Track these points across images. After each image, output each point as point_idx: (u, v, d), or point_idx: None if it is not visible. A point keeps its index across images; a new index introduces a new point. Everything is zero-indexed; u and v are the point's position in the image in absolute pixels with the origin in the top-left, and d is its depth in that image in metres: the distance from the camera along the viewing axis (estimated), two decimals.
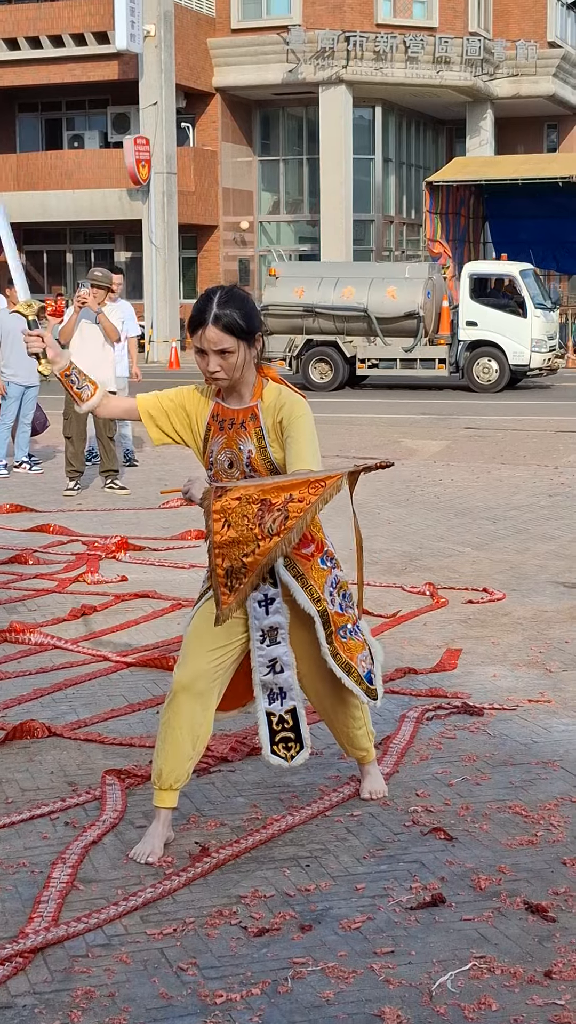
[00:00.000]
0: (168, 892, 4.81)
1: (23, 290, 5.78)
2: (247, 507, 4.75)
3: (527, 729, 6.60)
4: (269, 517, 4.71)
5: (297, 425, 5.02)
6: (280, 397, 5.12)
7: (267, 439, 5.08)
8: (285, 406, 5.08)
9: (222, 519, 4.78)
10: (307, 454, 4.93)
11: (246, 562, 4.81)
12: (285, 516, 4.71)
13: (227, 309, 4.98)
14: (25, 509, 13.32)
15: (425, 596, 9.41)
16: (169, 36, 43.73)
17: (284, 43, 45.48)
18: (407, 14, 47.48)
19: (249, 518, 4.74)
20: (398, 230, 51.23)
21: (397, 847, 5.22)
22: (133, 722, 6.77)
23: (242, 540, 4.77)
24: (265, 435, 5.09)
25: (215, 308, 4.98)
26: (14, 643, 8.23)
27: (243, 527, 4.75)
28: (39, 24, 45.43)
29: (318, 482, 4.73)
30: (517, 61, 47.95)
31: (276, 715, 5.36)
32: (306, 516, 4.72)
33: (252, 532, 4.75)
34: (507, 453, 17.82)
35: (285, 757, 5.38)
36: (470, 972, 4.23)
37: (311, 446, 4.97)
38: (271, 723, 5.36)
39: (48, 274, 50.09)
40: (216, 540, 4.81)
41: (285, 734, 5.37)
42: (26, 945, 4.38)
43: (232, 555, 4.81)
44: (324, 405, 23.07)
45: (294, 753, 5.38)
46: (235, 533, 4.77)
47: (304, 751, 5.39)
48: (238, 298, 5.06)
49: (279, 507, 4.71)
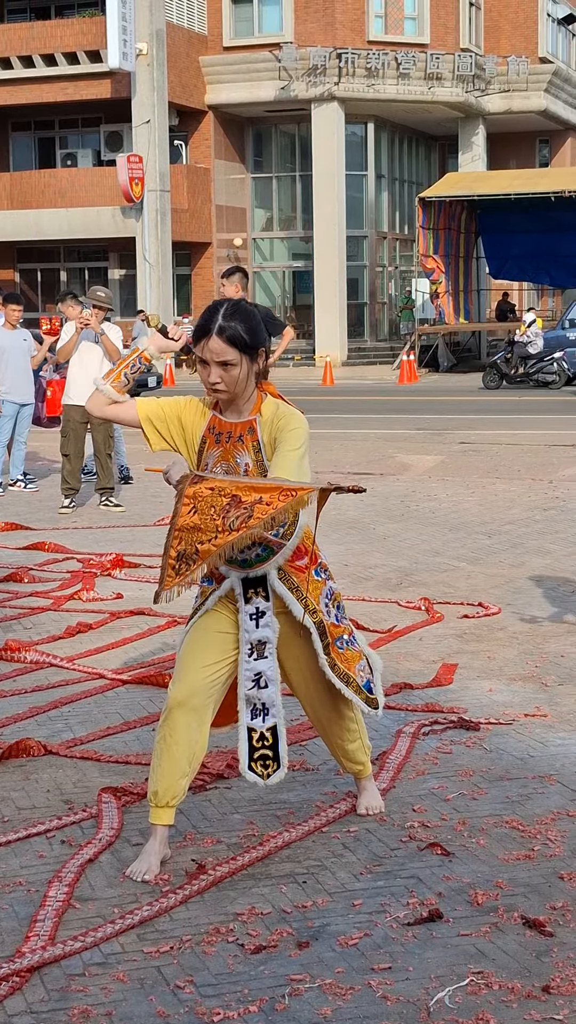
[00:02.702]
0: (165, 910, 4.80)
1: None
2: (217, 499, 4.76)
3: (523, 743, 6.59)
4: (234, 513, 4.72)
5: (288, 436, 5.02)
6: (278, 411, 5.12)
7: (264, 453, 5.08)
8: (282, 419, 5.08)
9: (191, 504, 4.80)
10: (289, 463, 4.92)
11: (199, 549, 4.80)
12: (249, 515, 4.70)
13: (232, 322, 5.00)
14: (20, 527, 13.31)
15: (420, 611, 9.41)
16: (161, 54, 43.81)
17: (276, 60, 45.51)
18: (399, 31, 47.55)
19: (216, 509, 4.75)
20: (391, 246, 51.26)
21: (394, 863, 5.21)
22: (129, 740, 6.76)
23: (203, 528, 4.78)
24: (262, 449, 5.09)
25: (220, 320, 5.00)
26: (9, 661, 8.22)
27: (208, 516, 4.77)
28: (32, 43, 45.48)
29: (290, 491, 4.73)
30: (508, 77, 48.03)
31: (257, 731, 5.35)
32: (267, 520, 4.70)
33: (214, 523, 4.75)
34: (502, 468, 17.82)
35: (261, 775, 5.36)
36: (468, 988, 4.22)
37: (296, 456, 4.95)
38: (251, 739, 5.35)
39: (42, 292, 50.05)
40: (178, 523, 4.83)
41: (264, 751, 5.36)
42: (22, 964, 4.37)
43: (189, 540, 4.82)
44: (319, 421, 23.05)
45: (271, 772, 5.37)
46: (198, 520, 4.78)
47: (280, 771, 5.37)
48: (244, 312, 5.07)
49: (246, 506, 4.71)
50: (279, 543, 5.15)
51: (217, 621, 5.27)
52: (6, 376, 15.73)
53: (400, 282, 51.68)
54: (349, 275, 47.81)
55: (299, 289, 50.96)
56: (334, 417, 25.86)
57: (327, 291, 46.42)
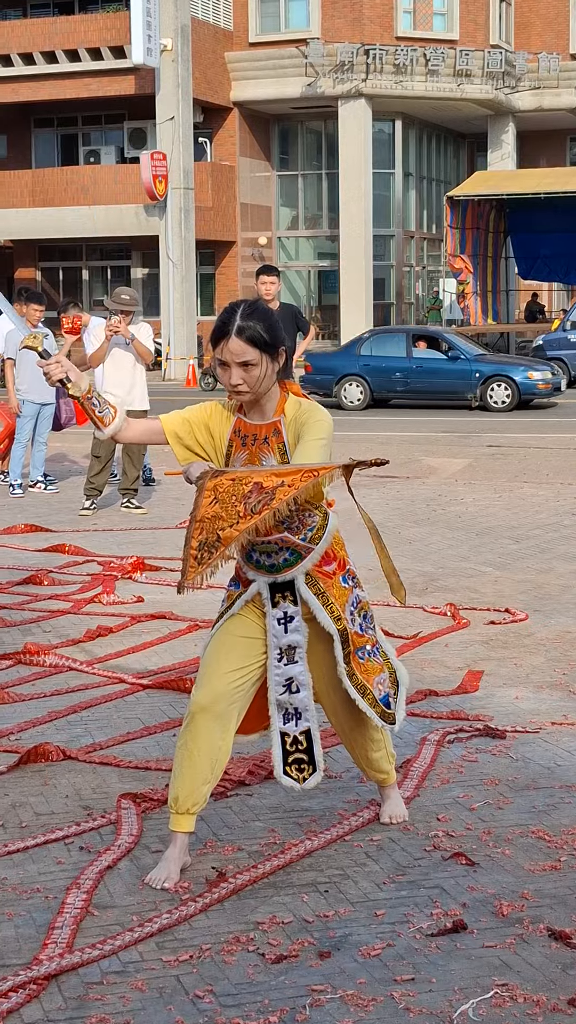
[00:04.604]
0: (184, 918, 4.76)
1: (20, 326, 5.77)
2: (239, 487, 4.73)
3: (550, 752, 6.53)
4: (256, 498, 4.67)
5: (311, 426, 4.99)
6: (301, 408, 5.09)
7: (290, 454, 5.04)
8: (305, 413, 5.05)
9: (212, 496, 4.77)
10: (312, 451, 4.89)
11: (221, 535, 4.76)
12: (271, 498, 4.65)
13: (251, 321, 4.97)
14: (40, 529, 13.28)
15: (446, 617, 9.35)
16: (186, 50, 43.77)
17: (303, 56, 45.52)
18: (427, 27, 47.49)
19: (237, 497, 4.71)
20: (419, 245, 51.25)
21: (418, 872, 5.15)
22: (149, 745, 6.72)
23: (224, 516, 4.74)
24: (288, 450, 5.05)
25: (239, 320, 4.97)
26: (29, 665, 8.19)
27: (229, 504, 4.72)
28: (55, 39, 45.47)
29: (311, 471, 4.68)
30: (539, 74, 47.95)
31: (290, 735, 5.31)
32: (289, 499, 4.64)
33: (236, 509, 4.71)
34: (530, 472, 17.75)
35: (297, 779, 5.32)
36: (492, 1000, 4.17)
37: (319, 445, 4.92)
38: (285, 743, 5.32)
39: (64, 291, 50.10)
40: (199, 514, 4.79)
41: (298, 755, 5.32)
42: (40, 972, 4.34)
43: (210, 528, 4.78)
44: (344, 423, 23.00)
45: (307, 775, 5.33)
46: (219, 509, 4.75)
47: (317, 774, 5.33)
48: (262, 311, 5.05)
49: (268, 490, 4.66)
50: (307, 547, 5.10)
51: (243, 626, 5.22)
52: (26, 376, 15.70)
53: (427, 282, 51.68)
54: (376, 275, 47.79)
55: (325, 289, 50.97)
56: (358, 419, 25.83)
57: (353, 291, 46.41)
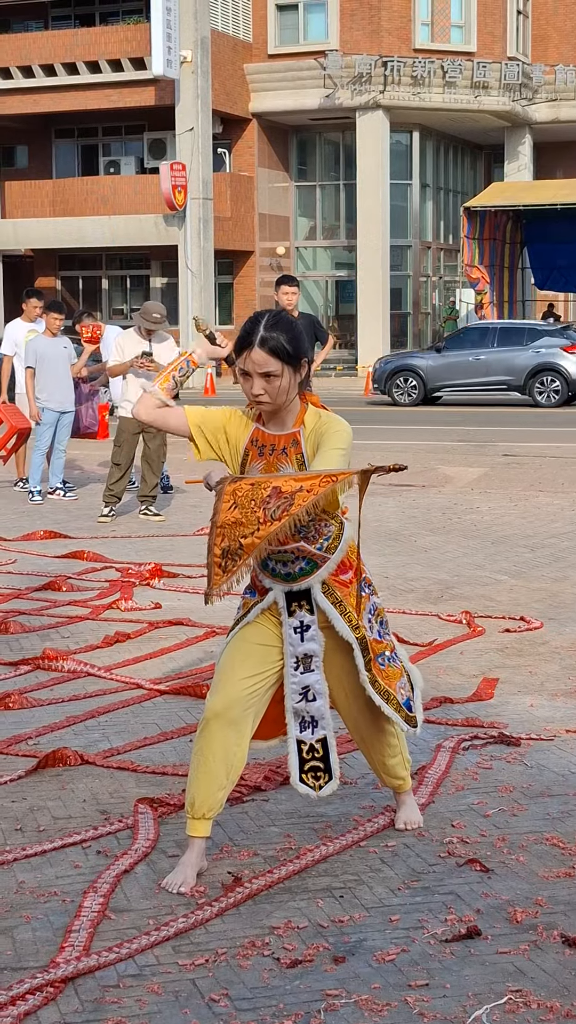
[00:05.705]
0: (200, 922, 4.78)
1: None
2: (258, 491, 4.75)
3: (565, 759, 6.54)
4: (275, 503, 4.69)
5: (330, 436, 5.00)
6: (320, 419, 5.10)
7: (308, 466, 5.04)
8: (324, 424, 5.07)
9: (231, 500, 4.78)
10: (331, 460, 4.91)
11: (243, 543, 4.78)
12: (290, 503, 4.68)
13: (274, 332, 4.98)
14: (59, 536, 13.32)
15: (461, 625, 9.36)
16: (206, 62, 43.81)
17: (321, 68, 45.49)
18: (445, 39, 47.47)
19: (256, 502, 4.73)
20: (435, 256, 51.18)
21: (432, 878, 5.17)
22: (166, 750, 6.74)
23: (245, 522, 4.75)
24: (306, 462, 5.06)
25: (262, 331, 4.99)
26: (47, 670, 8.22)
27: (249, 510, 4.74)
28: (76, 50, 45.55)
29: (330, 477, 4.70)
30: (556, 86, 47.86)
31: (307, 743, 5.33)
32: (309, 505, 4.67)
33: (255, 515, 4.73)
34: (545, 480, 17.74)
35: (313, 787, 5.35)
36: (506, 1006, 4.18)
37: (339, 454, 4.93)
38: (301, 751, 5.34)
39: (83, 300, 50.15)
40: (219, 519, 4.81)
41: (315, 763, 5.34)
42: (57, 975, 4.35)
43: (231, 535, 4.79)
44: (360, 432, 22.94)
45: (323, 783, 5.35)
46: (239, 514, 4.76)
47: (333, 782, 5.35)
48: (285, 322, 5.06)
49: (287, 495, 4.68)
50: (323, 557, 5.12)
51: (258, 633, 5.24)
52: (46, 384, 15.74)
53: (444, 292, 51.59)
54: (393, 285, 47.75)
55: (342, 299, 50.92)
56: (375, 428, 25.81)
57: (370, 301, 46.37)
